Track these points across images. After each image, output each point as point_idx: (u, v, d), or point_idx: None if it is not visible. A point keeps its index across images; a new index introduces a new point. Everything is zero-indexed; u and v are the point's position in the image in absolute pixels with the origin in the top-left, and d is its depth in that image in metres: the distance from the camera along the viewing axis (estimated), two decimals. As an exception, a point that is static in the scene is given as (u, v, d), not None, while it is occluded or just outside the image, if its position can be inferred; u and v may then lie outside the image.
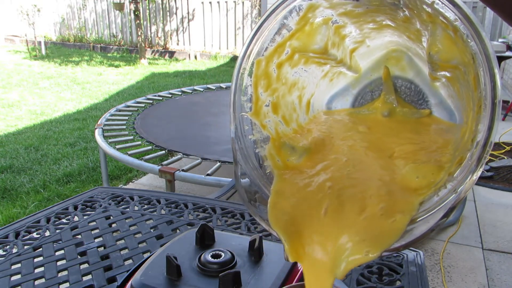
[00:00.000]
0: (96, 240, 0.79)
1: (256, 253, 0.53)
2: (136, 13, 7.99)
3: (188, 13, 8.77)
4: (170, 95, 3.68)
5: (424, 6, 0.33)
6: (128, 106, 3.29)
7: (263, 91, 0.40)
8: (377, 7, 0.38)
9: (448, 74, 0.36)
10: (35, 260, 0.73)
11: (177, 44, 9.07)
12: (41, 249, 0.76)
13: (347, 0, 0.39)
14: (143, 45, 8.31)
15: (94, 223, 0.86)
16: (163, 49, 9.11)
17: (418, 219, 0.31)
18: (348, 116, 0.44)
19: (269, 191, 0.38)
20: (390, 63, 0.42)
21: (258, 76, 0.40)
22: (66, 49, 9.87)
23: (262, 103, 0.41)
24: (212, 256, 0.52)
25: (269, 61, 0.40)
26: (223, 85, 4.10)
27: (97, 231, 0.82)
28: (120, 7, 8.30)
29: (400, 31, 0.40)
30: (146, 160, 2.22)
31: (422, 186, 0.33)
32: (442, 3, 0.30)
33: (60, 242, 0.78)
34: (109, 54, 9.23)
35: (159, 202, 0.95)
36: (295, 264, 0.54)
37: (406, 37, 0.40)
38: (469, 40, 0.30)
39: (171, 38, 9.13)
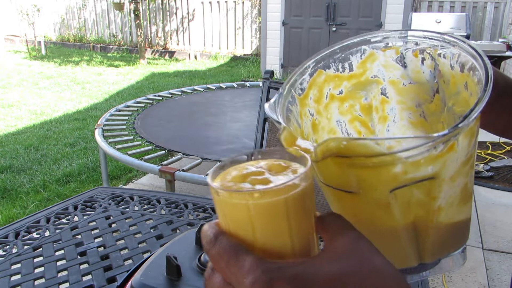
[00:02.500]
0: (96, 240, 0.79)
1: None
2: (136, 13, 7.99)
3: (188, 13, 8.76)
4: (170, 95, 3.68)
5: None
6: (128, 106, 3.29)
7: (312, 98, 0.46)
8: (419, 84, 0.44)
9: None
10: (35, 260, 0.73)
11: (177, 44, 9.07)
12: (41, 249, 0.76)
13: (397, 65, 0.44)
14: (143, 45, 8.32)
15: (94, 223, 0.86)
16: (163, 49, 9.11)
17: None
18: None
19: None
20: None
21: (315, 83, 0.46)
22: (66, 49, 9.87)
23: (307, 102, 0.45)
24: (212, 256, 0.52)
25: (326, 80, 0.46)
26: (223, 85, 4.10)
27: (97, 231, 0.82)
28: (120, 7, 8.29)
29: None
30: (146, 160, 2.22)
31: None
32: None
33: (60, 242, 0.78)
34: (109, 54, 9.23)
35: (159, 202, 0.95)
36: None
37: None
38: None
39: (171, 38, 9.12)
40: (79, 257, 0.73)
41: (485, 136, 3.50)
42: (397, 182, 0.34)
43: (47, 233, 0.82)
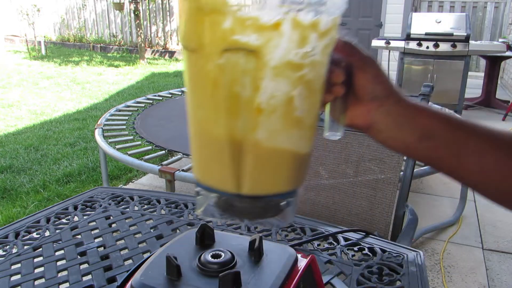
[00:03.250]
0: (96, 240, 0.79)
1: (256, 253, 0.53)
2: (136, 13, 7.99)
3: (188, 13, 8.76)
4: (170, 95, 3.68)
5: None
6: (128, 106, 3.29)
7: None
8: None
9: None
10: (35, 260, 0.73)
11: (177, 44, 9.06)
12: (41, 249, 0.76)
13: None
14: (143, 45, 8.31)
15: (94, 223, 0.86)
16: (163, 49, 9.11)
17: None
18: None
19: None
20: None
21: None
22: (66, 49, 9.87)
23: None
24: (212, 256, 0.52)
25: None
26: (223, 85, 4.09)
27: (97, 231, 0.82)
28: (120, 7, 8.29)
29: None
30: (146, 160, 2.22)
31: None
32: None
33: (60, 242, 0.78)
34: (109, 54, 9.23)
35: (159, 202, 0.95)
36: (295, 264, 0.54)
37: None
38: None
39: (171, 38, 9.12)
40: (79, 257, 0.73)
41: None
42: (226, 41, 0.36)
43: (47, 233, 0.82)
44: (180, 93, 3.77)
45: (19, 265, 0.71)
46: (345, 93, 0.47)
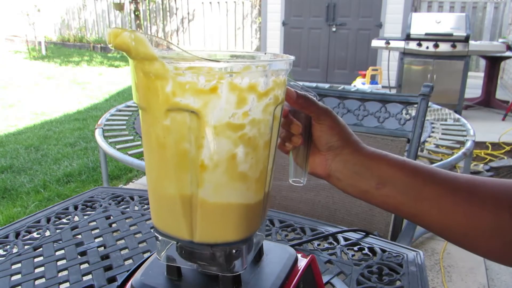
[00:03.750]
0: (96, 240, 0.79)
1: (256, 253, 0.53)
2: (136, 13, 7.99)
3: (188, 13, 8.77)
4: (170, 95, 3.68)
5: None
6: (128, 106, 3.29)
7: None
8: None
9: None
10: (35, 260, 0.73)
11: (177, 44, 9.07)
12: (41, 249, 0.76)
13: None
14: (143, 45, 8.30)
15: (94, 223, 0.86)
16: (163, 49, 9.10)
17: None
18: None
19: None
20: None
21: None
22: (66, 49, 9.87)
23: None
24: (212, 256, 0.52)
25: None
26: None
27: (97, 231, 0.82)
28: (120, 7, 8.30)
29: None
30: (146, 160, 2.22)
31: None
32: None
33: (60, 242, 0.78)
34: (109, 54, 9.23)
35: (159, 202, 0.95)
36: (295, 264, 0.54)
37: None
38: None
39: (171, 38, 9.13)
40: (79, 257, 0.73)
41: (484, 136, 3.49)
42: (168, 102, 0.39)
43: (47, 233, 0.82)
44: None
45: (19, 264, 0.71)
46: (306, 143, 0.50)
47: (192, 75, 0.38)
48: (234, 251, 0.45)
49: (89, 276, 0.68)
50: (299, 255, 0.56)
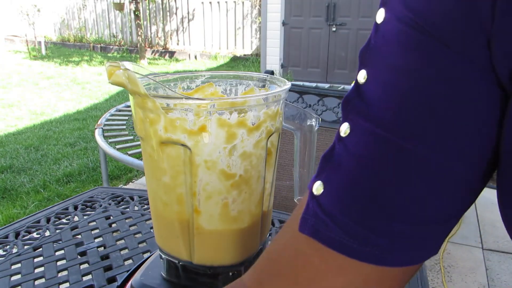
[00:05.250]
0: (96, 240, 0.79)
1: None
2: (136, 13, 7.99)
3: (188, 13, 8.77)
4: (170, 95, 3.68)
5: None
6: (128, 106, 3.29)
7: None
8: None
9: None
10: (35, 260, 0.73)
11: (177, 44, 9.07)
12: (41, 249, 0.76)
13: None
14: (143, 45, 8.32)
15: (94, 223, 0.86)
16: (163, 49, 9.11)
17: None
18: None
19: None
20: None
21: (202, 89, 0.52)
22: (66, 49, 9.87)
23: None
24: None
25: (212, 93, 0.52)
26: (223, 85, 4.09)
27: (97, 231, 0.82)
28: (120, 7, 8.30)
29: None
30: (146, 160, 2.22)
31: None
32: None
33: (60, 242, 0.78)
34: (109, 54, 9.23)
35: (159, 202, 0.95)
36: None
37: None
38: None
39: (171, 38, 9.13)
40: (79, 257, 0.73)
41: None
42: (162, 137, 0.41)
43: (47, 233, 0.82)
44: (180, 93, 3.76)
45: (19, 265, 0.71)
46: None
47: (181, 112, 0.39)
48: (231, 273, 0.46)
49: (89, 276, 0.67)
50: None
